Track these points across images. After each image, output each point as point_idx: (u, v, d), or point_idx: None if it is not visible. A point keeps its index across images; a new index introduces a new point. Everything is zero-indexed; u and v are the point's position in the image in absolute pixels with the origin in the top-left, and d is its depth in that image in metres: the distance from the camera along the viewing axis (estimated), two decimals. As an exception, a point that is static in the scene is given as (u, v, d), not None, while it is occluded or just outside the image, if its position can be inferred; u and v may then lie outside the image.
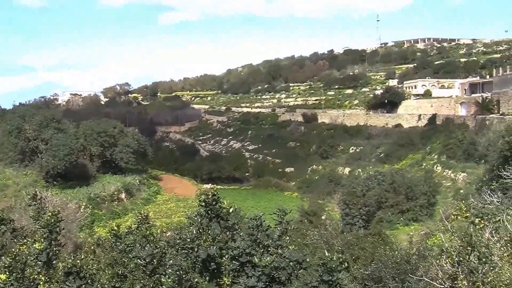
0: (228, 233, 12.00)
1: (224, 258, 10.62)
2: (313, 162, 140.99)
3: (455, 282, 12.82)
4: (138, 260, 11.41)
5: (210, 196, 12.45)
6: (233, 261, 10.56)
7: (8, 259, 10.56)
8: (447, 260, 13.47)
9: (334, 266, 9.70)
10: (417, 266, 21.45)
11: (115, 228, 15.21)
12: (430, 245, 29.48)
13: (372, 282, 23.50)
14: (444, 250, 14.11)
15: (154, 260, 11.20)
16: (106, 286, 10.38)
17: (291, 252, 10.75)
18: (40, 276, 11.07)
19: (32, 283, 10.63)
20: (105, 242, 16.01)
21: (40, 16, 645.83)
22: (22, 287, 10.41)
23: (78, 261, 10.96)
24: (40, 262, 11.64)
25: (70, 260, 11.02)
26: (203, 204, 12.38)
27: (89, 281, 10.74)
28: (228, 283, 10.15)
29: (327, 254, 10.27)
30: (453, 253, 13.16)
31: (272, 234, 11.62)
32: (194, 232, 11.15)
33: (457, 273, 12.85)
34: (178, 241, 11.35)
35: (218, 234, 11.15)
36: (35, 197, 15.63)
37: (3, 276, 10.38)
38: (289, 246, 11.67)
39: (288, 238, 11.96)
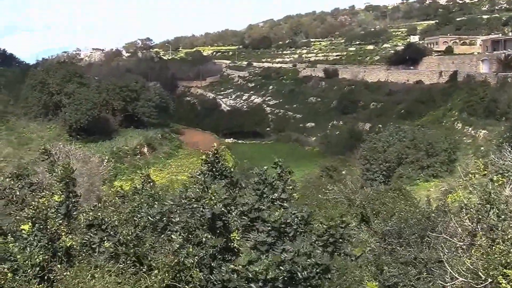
0: (235, 189, 11.98)
1: (232, 214, 10.63)
2: (334, 118, 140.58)
3: (475, 238, 12.82)
4: (149, 217, 11.52)
5: (211, 156, 12.38)
6: (243, 217, 10.58)
7: (30, 210, 10.72)
8: (466, 217, 13.47)
9: (337, 222, 9.71)
10: (436, 222, 21.47)
11: (119, 189, 15.35)
12: (450, 202, 29.46)
13: (392, 237, 23.59)
14: (464, 207, 14.08)
15: (164, 218, 11.31)
16: (128, 237, 10.52)
17: (298, 206, 10.75)
18: (62, 227, 11.25)
19: (55, 234, 10.82)
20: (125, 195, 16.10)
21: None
22: (45, 237, 10.59)
23: (100, 213, 11.13)
24: (60, 215, 11.82)
25: (91, 213, 11.20)
26: (206, 164, 12.33)
27: (111, 233, 10.92)
28: (237, 238, 10.21)
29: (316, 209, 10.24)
30: (472, 210, 13.15)
31: (277, 187, 11.56)
32: (198, 191, 11.09)
33: (477, 230, 12.85)
34: (183, 200, 11.33)
35: (224, 192, 11.13)
36: (46, 151, 15.75)
37: (26, 227, 10.57)
38: (293, 195, 11.65)
39: (290, 187, 11.92)
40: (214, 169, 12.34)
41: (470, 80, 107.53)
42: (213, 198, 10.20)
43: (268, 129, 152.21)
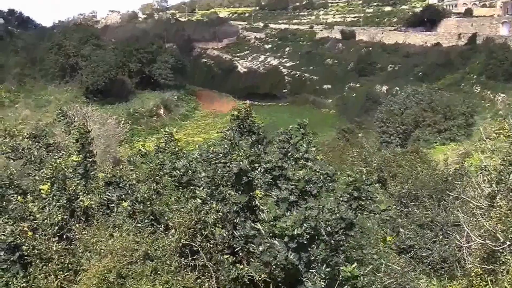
0: (260, 146, 11.98)
1: (256, 171, 10.60)
2: (350, 80, 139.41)
3: (494, 201, 12.71)
4: (174, 172, 11.53)
5: (242, 112, 12.37)
6: (266, 174, 10.57)
7: (49, 171, 10.83)
8: (485, 179, 13.34)
9: (363, 181, 9.64)
10: (454, 185, 21.38)
11: (141, 148, 15.32)
12: (468, 165, 29.24)
13: (408, 199, 23.57)
14: (483, 169, 13.93)
15: (189, 171, 11.33)
16: (145, 195, 10.59)
17: (322, 165, 10.69)
18: (80, 186, 11.38)
19: (73, 194, 10.93)
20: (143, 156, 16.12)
21: None
22: (64, 197, 10.71)
23: (118, 171, 11.22)
24: (78, 175, 11.94)
25: (110, 171, 11.30)
26: (235, 119, 12.36)
27: (129, 191, 11.01)
28: (260, 196, 10.21)
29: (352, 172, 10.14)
30: (492, 172, 13.01)
31: (300, 147, 11.54)
32: (227, 147, 11.13)
33: (496, 192, 12.73)
34: (210, 155, 11.37)
35: (250, 149, 11.12)
36: (62, 112, 15.84)
37: (45, 187, 10.68)
38: (316, 157, 11.61)
39: (314, 148, 11.87)
40: (242, 126, 12.35)
41: (489, 43, 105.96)
42: (240, 154, 10.21)
43: (284, 91, 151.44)
